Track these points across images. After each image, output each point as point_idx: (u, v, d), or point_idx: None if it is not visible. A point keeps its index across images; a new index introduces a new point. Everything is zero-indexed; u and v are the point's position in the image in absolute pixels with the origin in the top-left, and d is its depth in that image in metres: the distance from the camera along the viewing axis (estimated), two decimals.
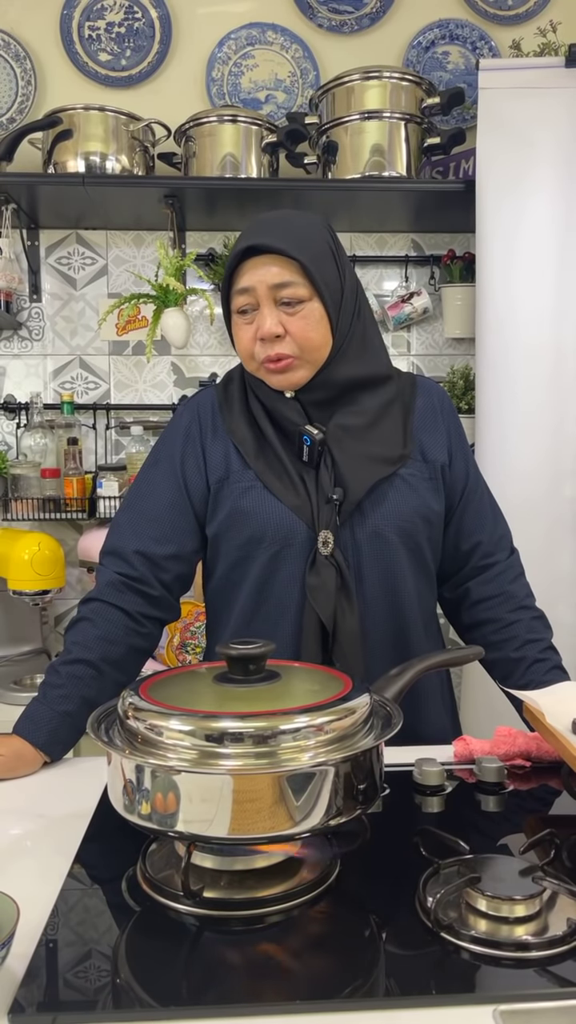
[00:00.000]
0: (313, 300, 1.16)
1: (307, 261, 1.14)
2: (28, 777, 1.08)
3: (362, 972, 0.66)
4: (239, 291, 1.18)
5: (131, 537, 1.23)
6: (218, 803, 0.72)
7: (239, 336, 1.21)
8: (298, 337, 1.16)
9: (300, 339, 1.16)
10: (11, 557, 2.11)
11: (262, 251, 1.15)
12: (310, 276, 1.15)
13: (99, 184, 2.17)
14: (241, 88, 2.45)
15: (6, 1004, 0.63)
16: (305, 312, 1.16)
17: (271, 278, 1.14)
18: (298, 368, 1.18)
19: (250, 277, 1.16)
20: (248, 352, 1.20)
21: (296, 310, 1.16)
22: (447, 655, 1.03)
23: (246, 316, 1.19)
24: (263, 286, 1.15)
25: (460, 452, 1.29)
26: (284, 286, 1.15)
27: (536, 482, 2.06)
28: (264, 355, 1.17)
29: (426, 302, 2.45)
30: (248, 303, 1.17)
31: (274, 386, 1.21)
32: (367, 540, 1.19)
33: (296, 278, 1.15)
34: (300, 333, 1.16)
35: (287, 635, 1.19)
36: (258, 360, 1.19)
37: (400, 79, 2.18)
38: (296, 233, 1.16)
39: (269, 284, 1.15)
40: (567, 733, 0.95)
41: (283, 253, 1.14)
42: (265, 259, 1.15)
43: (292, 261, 1.14)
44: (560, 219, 2.04)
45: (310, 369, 1.19)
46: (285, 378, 1.19)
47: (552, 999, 0.64)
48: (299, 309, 1.16)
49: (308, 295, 1.16)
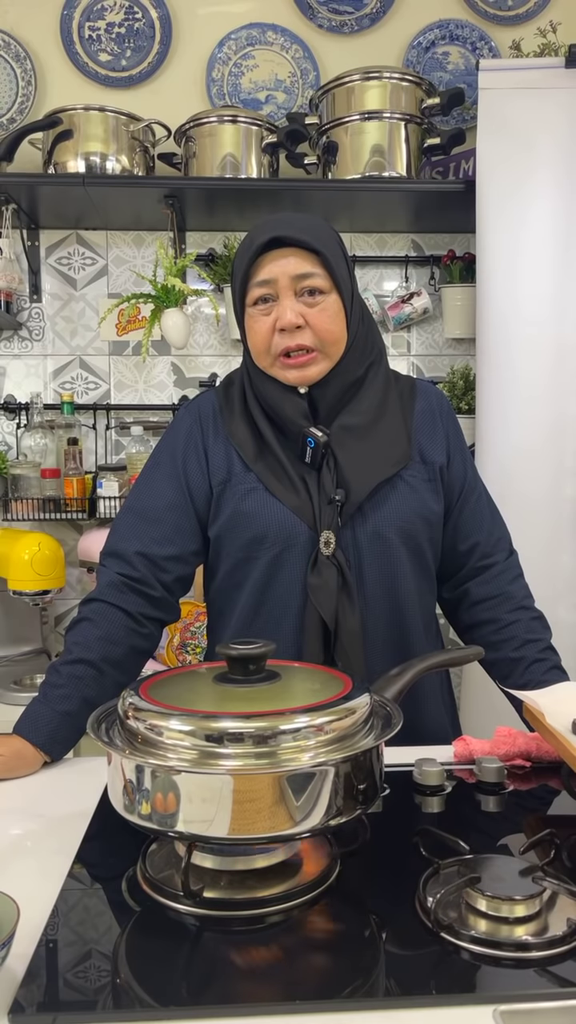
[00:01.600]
0: (332, 293, 1.17)
1: (328, 254, 1.16)
2: (28, 777, 1.08)
3: (362, 972, 0.66)
4: (258, 283, 1.18)
5: (132, 538, 1.23)
6: (218, 803, 0.72)
7: (255, 329, 1.20)
8: (319, 329, 1.16)
9: (321, 331, 1.16)
10: (11, 557, 2.11)
11: (284, 243, 1.16)
12: (330, 269, 1.16)
13: (99, 184, 2.17)
14: (241, 88, 2.45)
15: (6, 1004, 0.63)
16: (325, 304, 1.17)
17: (293, 268, 1.15)
18: (318, 362, 1.18)
19: (271, 269, 1.16)
20: (264, 345, 1.19)
21: (316, 301, 1.16)
22: (447, 655, 1.03)
23: (263, 308, 1.18)
24: (285, 277, 1.16)
25: (458, 454, 1.29)
26: (306, 276, 1.15)
27: (536, 482, 2.06)
28: (283, 346, 1.17)
29: (426, 302, 2.45)
30: (267, 293, 1.17)
31: (290, 381, 1.20)
32: (368, 541, 1.20)
33: (317, 270, 1.16)
34: (321, 325, 1.16)
35: (289, 634, 1.20)
36: (274, 353, 1.18)
37: (400, 79, 2.18)
38: (313, 229, 1.18)
39: (291, 275, 1.15)
40: (567, 733, 0.95)
41: (306, 245, 1.15)
42: (286, 251, 1.16)
43: (313, 254, 1.15)
44: (560, 219, 2.04)
45: (327, 364, 1.19)
46: (303, 373, 1.19)
47: (552, 999, 0.64)
48: (319, 301, 1.16)
49: (328, 287, 1.17)
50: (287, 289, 1.16)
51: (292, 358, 1.17)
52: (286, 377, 1.20)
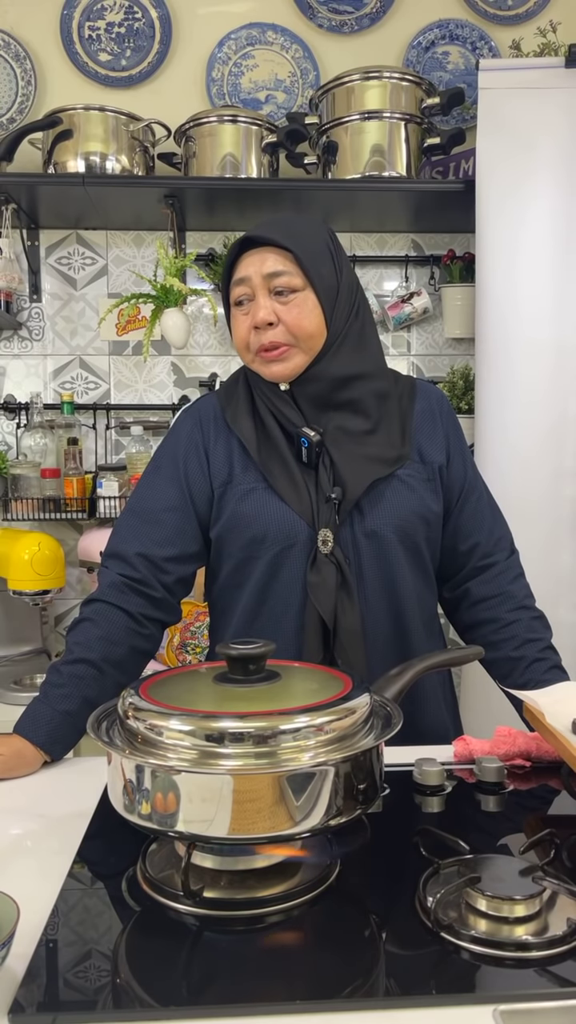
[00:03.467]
0: (307, 291, 1.19)
1: (300, 252, 1.18)
2: (28, 777, 1.08)
3: (362, 972, 0.66)
4: (236, 282, 1.22)
5: (133, 540, 1.23)
6: (218, 803, 0.72)
7: (236, 327, 1.24)
8: (291, 325, 1.19)
9: (293, 326, 1.19)
10: (11, 557, 2.11)
11: (258, 243, 1.20)
12: (303, 267, 1.18)
13: (99, 184, 2.17)
14: (241, 88, 2.45)
15: (6, 1004, 0.63)
16: (298, 301, 1.19)
17: (265, 267, 1.19)
18: (292, 356, 1.20)
19: (245, 267, 1.20)
20: (244, 342, 1.23)
21: (289, 299, 1.19)
22: (447, 655, 1.03)
23: (243, 307, 1.22)
24: (258, 276, 1.19)
25: (458, 454, 1.29)
26: (277, 275, 1.18)
27: (536, 482, 2.06)
28: (258, 344, 1.20)
29: (426, 302, 2.45)
30: (244, 293, 1.21)
31: (267, 377, 1.23)
32: (366, 539, 1.20)
33: (289, 268, 1.18)
34: (292, 321, 1.19)
35: (289, 633, 1.20)
36: (252, 350, 1.22)
37: (400, 79, 2.18)
38: (292, 229, 1.21)
39: (263, 273, 1.19)
40: (567, 733, 0.95)
41: (276, 244, 1.19)
42: (261, 251, 1.20)
43: (285, 252, 1.18)
44: (560, 219, 2.04)
45: (303, 358, 1.21)
46: (278, 368, 1.21)
47: (552, 999, 0.64)
48: (292, 298, 1.19)
49: (301, 285, 1.19)
50: (261, 287, 1.19)
51: (267, 354, 1.21)
52: (264, 372, 1.23)
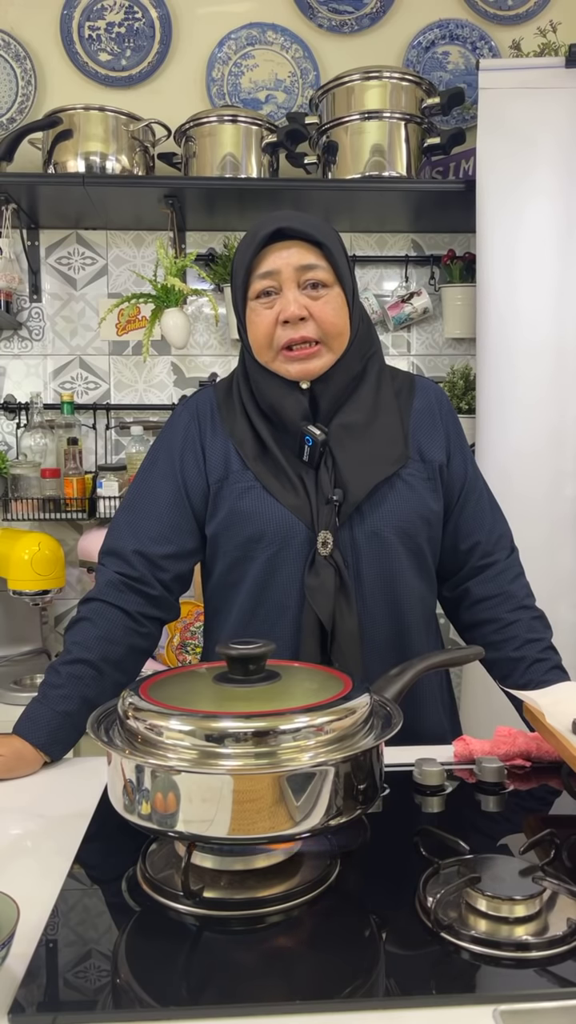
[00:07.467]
0: (336, 287, 1.17)
1: (331, 247, 1.16)
2: (28, 777, 1.08)
3: (362, 972, 0.66)
4: (261, 275, 1.17)
5: (130, 537, 1.23)
6: (218, 803, 0.72)
7: (257, 322, 1.19)
8: (322, 321, 1.16)
9: (324, 323, 1.16)
10: (11, 557, 2.11)
11: (288, 236, 1.16)
12: (333, 262, 1.16)
13: (99, 184, 2.17)
14: (241, 88, 2.45)
15: (6, 1004, 0.63)
16: (329, 297, 1.17)
17: (297, 260, 1.16)
18: (322, 355, 1.18)
19: (275, 260, 1.16)
20: (267, 338, 1.18)
21: (320, 294, 1.16)
22: (447, 655, 1.03)
23: (266, 301, 1.18)
24: (289, 268, 1.16)
25: (458, 452, 1.29)
26: (310, 268, 1.16)
27: (536, 482, 2.06)
28: (287, 338, 1.16)
29: (426, 302, 2.45)
30: (270, 286, 1.17)
31: (292, 375, 1.19)
32: (366, 541, 1.19)
33: (321, 262, 1.16)
34: (324, 317, 1.16)
35: (286, 635, 1.19)
36: (277, 346, 1.18)
37: (400, 79, 2.18)
38: (315, 224, 1.19)
39: (295, 266, 1.16)
40: (567, 733, 0.95)
41: (309, 237, 1.16)
42: (289, 243, 1.16)
43: (317, 247, 1.16)
44: (561, 219, 2.04)
45: (331, 357, 1.19)
46: (305, 366, 1.18)
47: (552, 999, 0.64)
48: (323, 293, 1.17)
49: (331, 281, 1.17)
50: (290, 281, 1.16)
51: (295, 351, 1.17)
52: (288, 371, 1.19)
